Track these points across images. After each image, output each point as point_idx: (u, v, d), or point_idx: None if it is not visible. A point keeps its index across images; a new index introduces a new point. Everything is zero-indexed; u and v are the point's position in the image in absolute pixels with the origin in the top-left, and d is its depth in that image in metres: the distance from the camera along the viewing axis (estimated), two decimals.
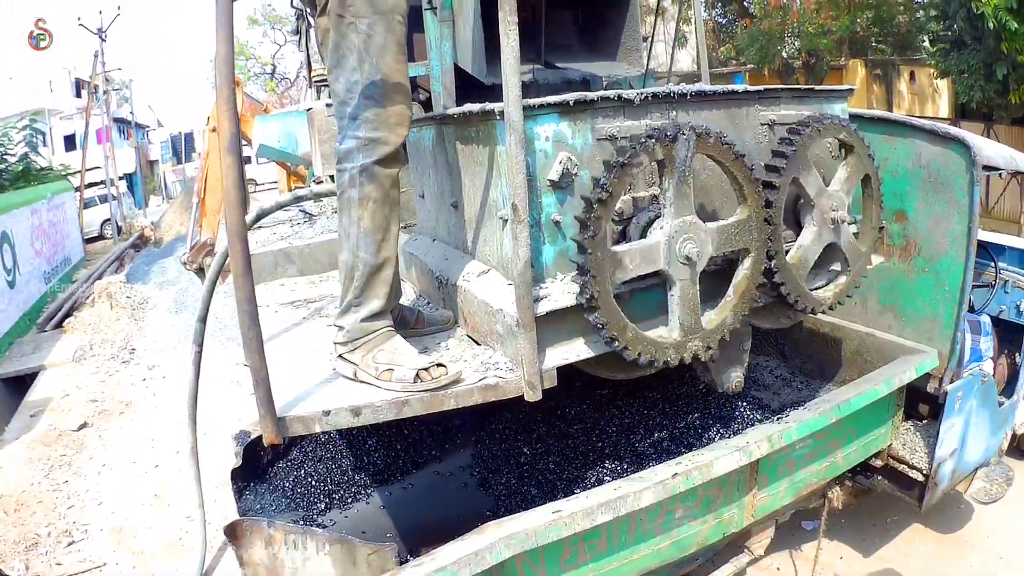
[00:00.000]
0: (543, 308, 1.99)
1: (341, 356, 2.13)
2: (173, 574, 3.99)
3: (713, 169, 2.33)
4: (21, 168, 14.10)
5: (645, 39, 3.81)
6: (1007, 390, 3.98)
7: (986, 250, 4.11)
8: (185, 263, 9.39)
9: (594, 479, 2.94)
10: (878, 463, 3.38)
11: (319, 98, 7.70)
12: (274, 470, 3.26)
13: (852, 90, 2.89)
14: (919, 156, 3.28)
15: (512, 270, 1.94)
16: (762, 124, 2.56)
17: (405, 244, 3.09)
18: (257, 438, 3.05)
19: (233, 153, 1.66)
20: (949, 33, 11.07)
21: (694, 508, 2.56)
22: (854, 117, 3.00)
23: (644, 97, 2.22)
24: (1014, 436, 4.09)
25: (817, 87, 2.77)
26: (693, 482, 2.31)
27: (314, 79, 7.49)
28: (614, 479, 2.49)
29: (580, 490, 2.49)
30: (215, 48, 1.65)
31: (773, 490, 2.82)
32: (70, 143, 24.94)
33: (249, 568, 2.32)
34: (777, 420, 2.71)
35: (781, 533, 3.78)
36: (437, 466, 3.46)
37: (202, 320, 3.69)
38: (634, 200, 2.25)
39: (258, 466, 3.20)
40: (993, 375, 3.62)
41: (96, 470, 5.40)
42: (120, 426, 6.25)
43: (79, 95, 27.80)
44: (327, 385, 2.10)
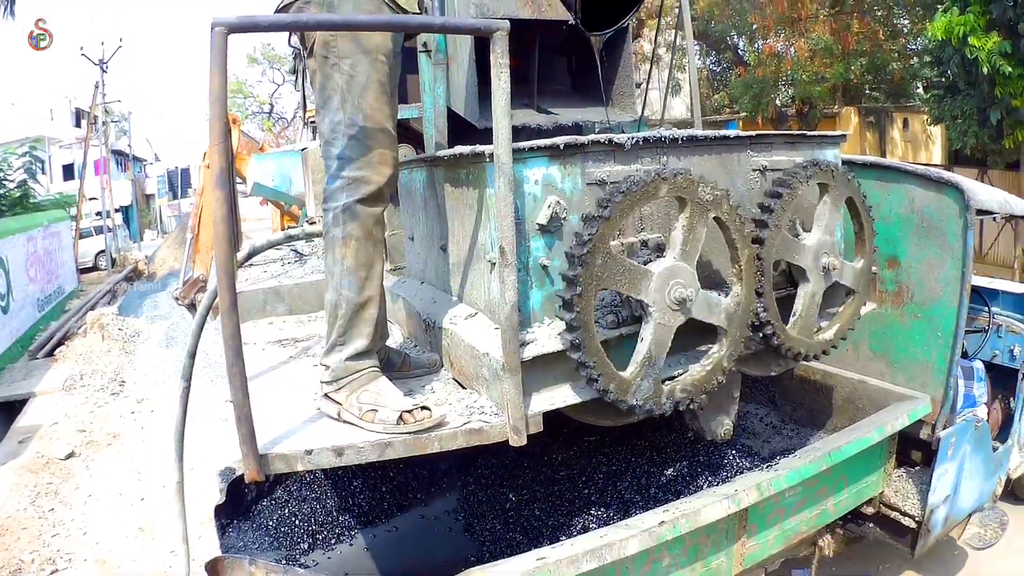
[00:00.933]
0: (529, 353, 1.97)
1: (326, 395, 2.11)
2: None
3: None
4: (19, 195, 14.13)
5: (638, 85, 3.86)
6: (1001, 435, 3.96)
7: (979, 295, 4.12)
8: (177, 298, 9.39)
9: (580, 526, 2.90)
10: (870, 510, 3.33)
11: (314, 138, 7.76)
12: (258, 508, 3.21)
13: (844, 136, 2.92)
14: (912, 201, 3.29)
15: (499, 314, 1.93)
16: (754, 170, 2.58)
17: (393, 286, 3.09)
18: (242, 475, 3.03)
19: (223, 187, 1.65)
20: (943, 79, 11.24)
21: (681, 556, 2.50)
22: (847, 163, 3.03)
23: (635, 142, 2.23)
24: (1008, 480, 4.04)
25: (809, 133, 2.79)
26: (680, 530, 2.27)
27: (309, 119, 7.55)
28: (600, 526, 2.45)
29: (566, 537, 2.45)
30: (208, 82, 1.66)
31: (762, 538, 2.77)
32: (68, 172, 25.05)
33: None
34: (767, 468, 2.68)
35: None
36: (422, 509, 3.41)
37: (191, 356, 3.66)
38: (621, 244, 2.24)
39: (242, 503, 3.16)
40: (987, 420, 3.60)
41: (82, 500, 5.37)
42: (107, 457, 6.22)
43: (79, 125, 28.02)
44: (311, 424, 2.07)
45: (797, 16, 15.63)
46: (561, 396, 2.09)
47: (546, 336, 2.04)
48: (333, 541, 3.13)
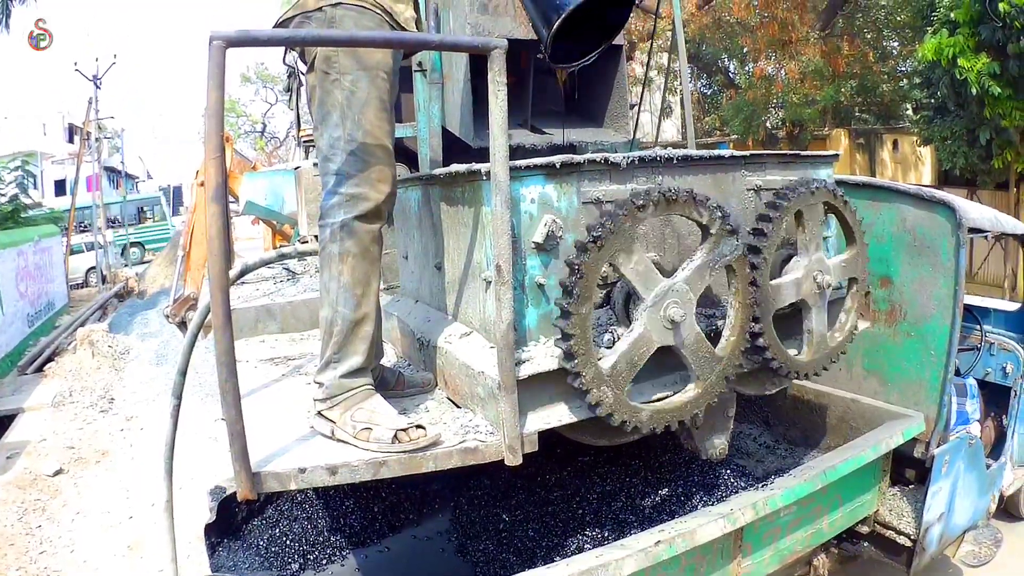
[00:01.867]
0: (525, 371, 1.96)
1: (319, 413, 2.09)
2: None
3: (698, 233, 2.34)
4: (10, 209, 14.05)
5: (632, 107, 3.88)
6: (994, 452, 3.97)
7: (971, 313, 4.14)
8: (168, 316, 9.32)
9: (574, 547, 2.87)
10: (864, 529, 3.33)
11: (307, 157, 7.77)
12: (249, 527, 3.18)
13: (837, 155, 2.93)
14: (904, 220, 3.32)
15: (495, 332, 1.92)
16: (748, 189, 2.59)
17: (387, 305, 3.08)
18: (232, 494, 3.00)
19: (218, 202, 1.65)
20: (932, 100, 11.37)
21: (678, 574, 2.50)
22: (839, 183, 3.05)
23: (630, 161, 2.24)
24: (1002, 498, 4.05)
25: (803, 153, 2.80)
26: (676, 550, 2.26)
27: (302, 138, 7.55)
28: (595, 547, 2.43)
29: (560, 558, 2.43)
30: (206, 97, 1.66)
31: (758, 558, 2.76)
32: (60, 188, 24.92)
33: None
34: (762, 487, 2.67)
35: None
36: (415, 530, 3.38)
37: (182, 373, 3.64)
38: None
39: (233, 522, 3.12)
40: (980, 438, 3.61)
41: (70, 517, 5.30)
42: (96, 475, 6.15)
43: (71, 140, 27.94)
44: (304, 442, 2.05)
45: (788, 39, 15.79)
46: (556, 415, 2.07)
47: (542, 355, 2.03)
48: (324, 562, 3.10)
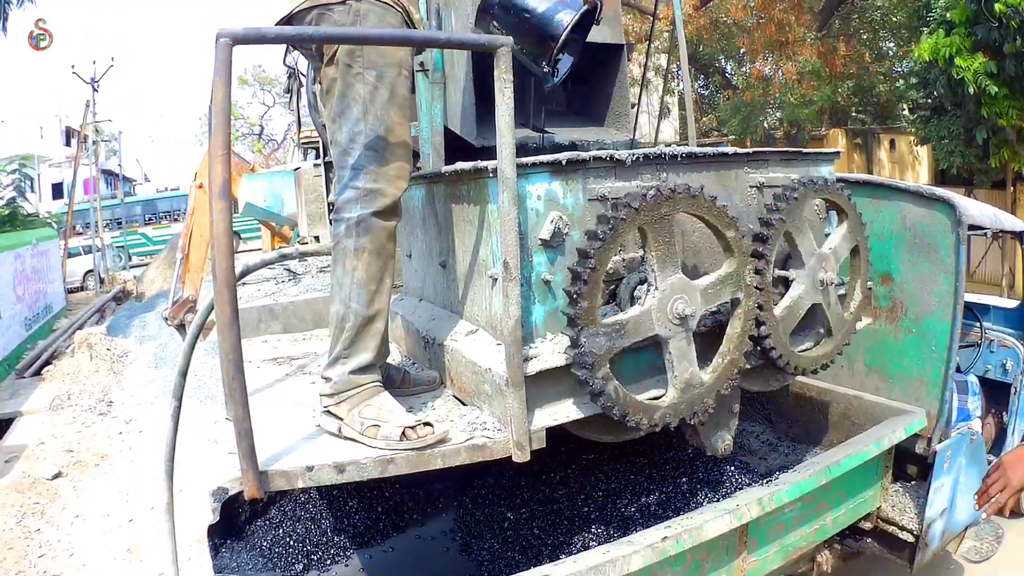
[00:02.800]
0: (533, 368, 1.96)
1: (326, 410, 2.08)
2: None
3: (702, 230, 2.35)
4: (8, 212, 14.02)
5: (633, 106, 3.89)
6: (995, 449, 3.98)
7: (971, 311, 4.15)
8: (166, 318, 9.31)
9: (580, 544, 2.87)
10: (867, 525, 3.33)
11: (305, 159, 7.77)
12: (252, 528, 3.17)
13: (839, 153, 2.94)
14: (904, 218, 3.33)
15: (502, 329, 1.92)
16: (751, 186, 2.60)
17: (391, 304, 3.07)
18: (235, 494, 2.99)
19: (224, 198, 1.64)
20: (929, 100, 11.40)
21: (683, 572, 2.49)
22: (839, 181, 3.06)
23: (635, 158, 2.24)
24: None
25: (805, 150, 2.81)
26: (683, 545, 2.26)
27: (301, 140, 7.52)
28: (600, 544, 2.43)
29: (565, 555, 2.43)
30: (212, 94, 1.65)
31: (763, 554, 2.76)
32: (57, 191, 24.89)
33: None
34: (767, 483, 2.68)
35: None
36: (419, 530, 3.38)
37: (182, 375, 3.63)
38: (624, 260, 2.25)
39: (235, 523, 3.12)
40: (981, 434, 3.62)
41: (69, 520, 5.32)
42: (95, 478, 6.16)
43: (68, 144, 27.89)
44: (310, 441, 2.05)
45: (784, 39, 15.84)
46: (564, 412, 2.08)
47: (549, 351, 2.03)
48: (328, 562, 3.09)
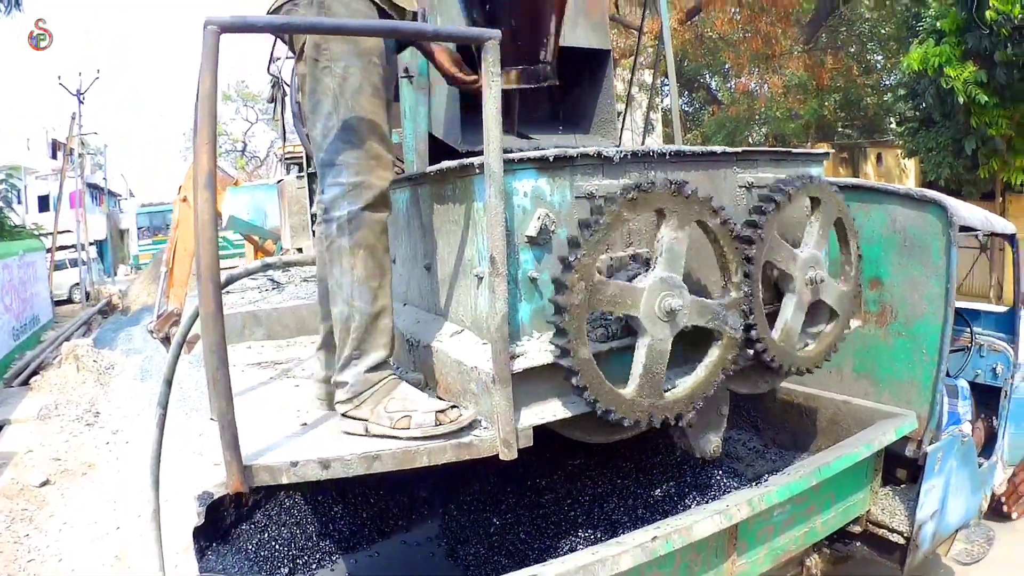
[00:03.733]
0: (519, 365, 1.94)
1: (346, 415, 2.02)
2: None
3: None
4: None
5: (619, 114, 3.90)
6: (984, 452, 3.97)
7: (961, 316, 4.16)
8: (151, 331, 9.27)
9: (567, 548, 2.85)
10: (857, 529, 3.32)
11: (288, 174, 7.78)
12: (237, 532, 3.13)
13: (828, 154, 2.95)
14: (894, 221, 3.33)
15: (488, 325, 1.90)
16: (740, 186, 2.59)
17: None
18: (220, 498, 2.95)
19: (209, 188, 1.62)
20: (917, 112, 11.45)
21: (673, 573, 2.46)
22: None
23: (623, 155, 2.24)
24: (993, 497, 4.06)
25: (795, 150, 2.81)
26: (673, 545, 2.24)
27: (284, 156, 7.51)
28: (587, 547, 2.40)
29: (552, 559, 2.40)
30: (198, 84, 1.64)
31: (752, 557, 2.74)
32: (43, 204, 24.71)
33: None
34: (756, 485, 2.66)
35: None
36: (404, 535, 3.35)
37: (167, 383, 3.58)
38: (611, 260, 2.24)
39: (221, 527, 3.07)
40: (971, 437, 3.62)
41: (57, 527, 5.32)
42: (82, 486, 6.19)
43: (55, 156, 27.71)
44: (295, 439, 2.02)
45: (771, 52, 15.96)
46: (551, 411, 2.06)
47: (536, 349, 2.01)
48: (314, 566, 3.06)
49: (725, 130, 17.32)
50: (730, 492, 3.00)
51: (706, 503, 2.86)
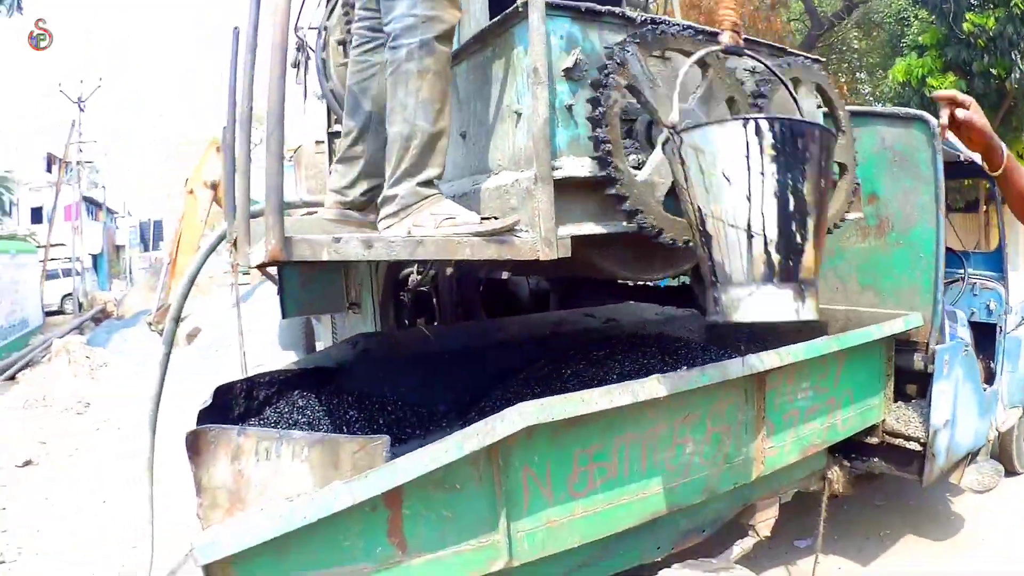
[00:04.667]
0: (559, 174, 2.02)
1: (391, 228, 2.09)
2: None
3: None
4: None
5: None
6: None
7: (953, 253, 4.29)
8: (150, 323, 9.22)
9: None
10: (874, 440, 3.38)
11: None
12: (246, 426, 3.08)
13: (821, 60, 3.08)
14: (883, 140, 3.51)
15: (531, 128, 1.98)
16: (744, 68, 2.69)
17: None
18: (228, 384, 2.91)
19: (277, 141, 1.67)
20: None
21: (703, 444, 2.52)
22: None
23: (644, 18, 2.35)
24: (997, 435, 4.11)
25: (793, 51, 2.94)
26: (709, 379, 2.30)
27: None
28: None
29: None
30: (272, 35, 1.69)
31: (779, 441, 2.80)
32: (37, 215, 24.38)
33: (207, 494, 2.16)
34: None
35: (775, 552, 3.70)
36: (421, 442, 3.31)
37: (175, 320, 3.60)
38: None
39: (229, 418, 2.96)
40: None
41: (36, 501, 5.16)
42: (67, 467, 6.01)
43: (50, 170, 27.38)
44: (336, 228, 2.08)
45: None
46: (588, 228, 2.14)
47: (573, 166, 2.09)
48: None
49: None
50: None
51: None
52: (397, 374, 3.39)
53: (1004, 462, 4.57)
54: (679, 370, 2.36)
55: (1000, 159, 1.60)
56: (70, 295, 17.57)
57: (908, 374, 3.42)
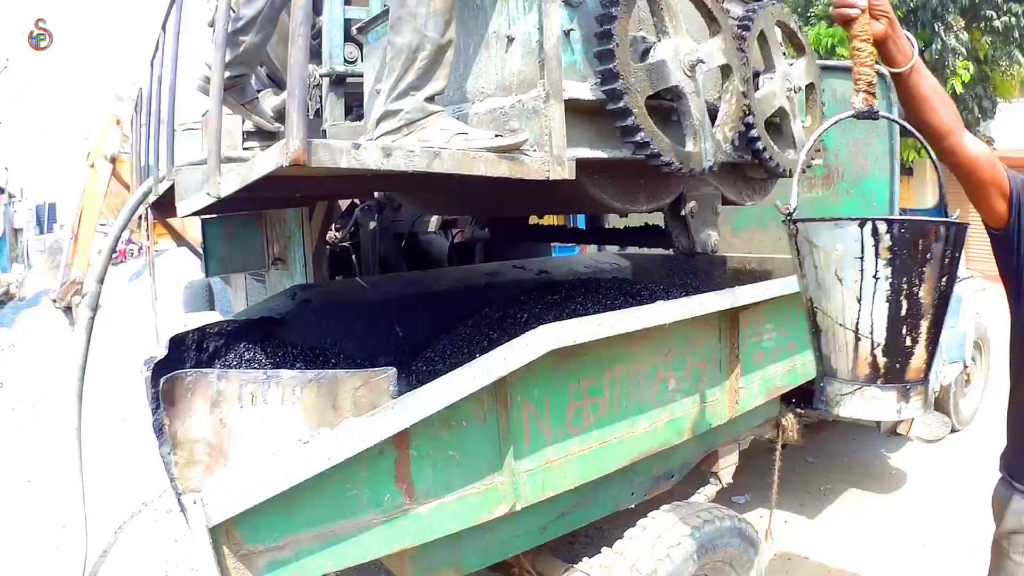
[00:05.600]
0: (565, 96, 1.98)
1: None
2: None
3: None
4: None
5: None
6: None
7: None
8: (55, 300, 8.68)
9: None
10: None
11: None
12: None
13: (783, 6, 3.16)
14: (834, 91, 3.57)
15: (545, 45, 1.93)
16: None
17: None
18: (182, 334, 2.75)
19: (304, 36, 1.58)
20: None
21: (684, 381, 2.54)
22: None
23: None
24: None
25: None
26: (704, 310, 2.35)
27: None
28: None
29: None
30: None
31: (749, 382, 2.86)
32: None
33: (183, 450, 1.94)
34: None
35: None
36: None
37: (100, 280, 3.37)
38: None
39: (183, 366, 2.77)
40: None
41: None
42: None
43: None
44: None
45: None
46: (591, 153, 2.12)
47: (577, 90, 2.05)
48: None
49: None
50: None
51: None
52: (337, 324, 3.31)
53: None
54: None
55: (909, 52, 1.56)
56: None
57: None
